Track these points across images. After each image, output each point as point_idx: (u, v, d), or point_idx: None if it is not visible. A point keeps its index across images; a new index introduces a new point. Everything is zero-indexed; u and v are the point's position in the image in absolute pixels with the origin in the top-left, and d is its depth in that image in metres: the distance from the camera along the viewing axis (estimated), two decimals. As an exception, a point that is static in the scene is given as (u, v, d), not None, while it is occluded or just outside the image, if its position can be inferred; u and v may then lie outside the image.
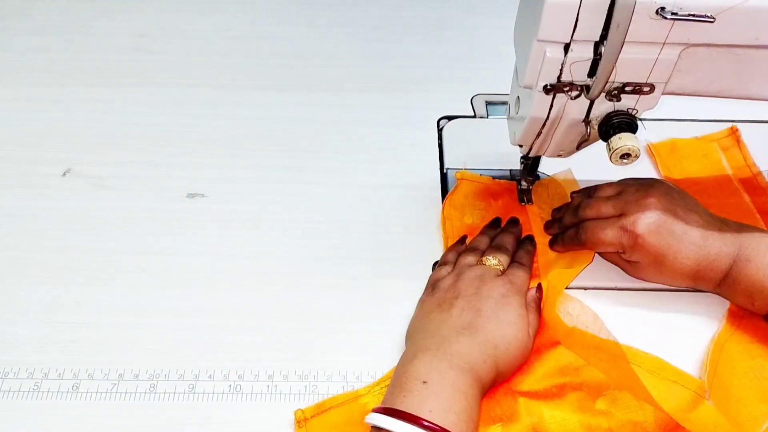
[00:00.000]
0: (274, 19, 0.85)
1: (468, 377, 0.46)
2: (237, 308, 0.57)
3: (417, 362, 0.47)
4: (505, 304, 0.51)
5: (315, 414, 0.50)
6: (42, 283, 0.58)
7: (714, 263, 0.52)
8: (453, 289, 0.53)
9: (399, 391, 0.45)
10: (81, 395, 0.51)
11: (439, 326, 0.50)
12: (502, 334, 0.49)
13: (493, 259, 0.55)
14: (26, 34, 0.82)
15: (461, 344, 0.48)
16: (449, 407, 0.44)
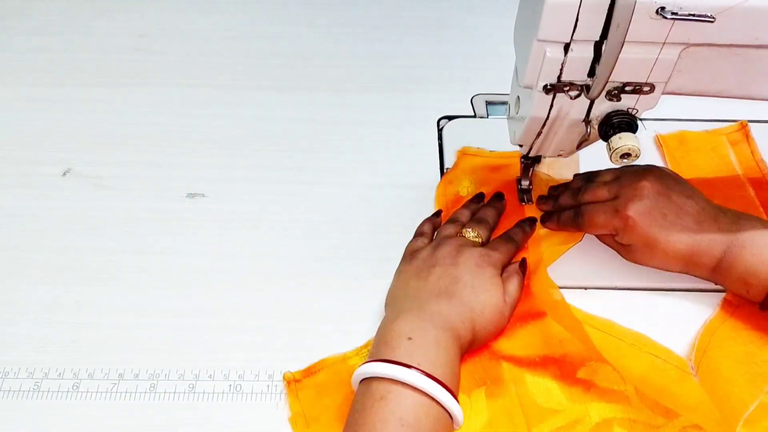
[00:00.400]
0: (274, 19, 0.85)
1: (449, 334, 0.48)
2: (237, 308, 0.57)
3: (400, 321, 0.49)
4: (479, 274, 0.52)
5: (304, 376, 0.52)
6: (42, 283, 0.58)
7: (708, 249, 0.53)
8: (431, 258, 0.54)
9: (385, 348, 0.47)
10: (81, 395, 0.51)
11: (418, 291, 0.52)
12: (477, 299, 0.51)
13: (472, 232, 0.57)
14: (26, 34, 0.82)
15: (440, 306, 0.50)
16: (435, 360, 0.46)
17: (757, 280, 0.51)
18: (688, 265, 0.54)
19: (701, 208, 0.54)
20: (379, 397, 0.44)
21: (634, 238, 0.54)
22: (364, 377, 0.46)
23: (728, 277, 0.53)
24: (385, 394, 0.44)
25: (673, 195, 0.54)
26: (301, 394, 0.51)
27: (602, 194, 0.56)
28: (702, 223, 0.53)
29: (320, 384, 0.52)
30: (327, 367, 0.53)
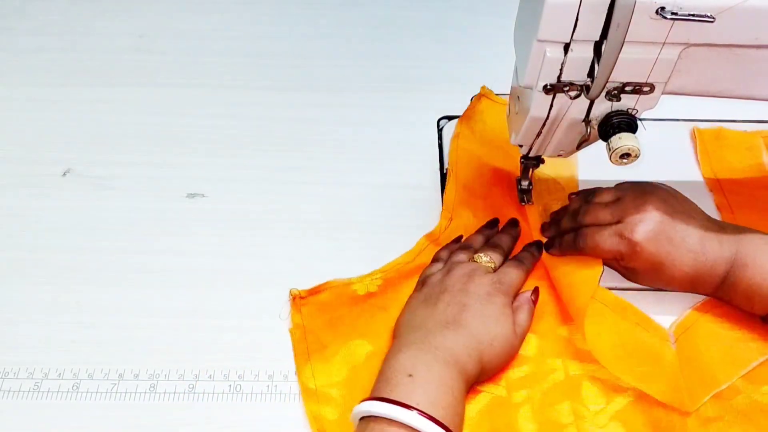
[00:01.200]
0: (274, 19, 0.85)
1: (453, 371, 0.47)
2: (237, 308, 0.57)
3: (402, 356, 0.47)
4: (490, 302, 0.51)
5: (309, 294, 0.56)
6: (42, 283, 0.58)
7: (712, 269, 0.52)
8: (440, 285, 0.53)
9: (385, 385, 0.46)
10: (81, 395, 0.51)
11: (425, 320, 0.50)
12: (486, 330, 0.50)
13: (485, 257, 0.55)
14: (26, 34, 0.82)
15: (446, 338, 0.48)
16: (436, 401, 0.44)
17: (760, 297, 0.51)
18: (693, 286, 0.54)
19: (703, 227, 0.53)
20: None
21: (641, 263, 0.53)
22: (363, 416, 0.45)
23: (733, 294, 0.52)
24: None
25: (677, 216, 0.53)
26: (304, 309, 0.56)
27: (603, 216, 0.55)
28: (705, 245, 0.52)
29: (321, 302, 0.56)
30: (330, 289, 0.57)
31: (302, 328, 0.55)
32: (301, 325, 0.55)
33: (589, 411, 0.51)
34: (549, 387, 0.52)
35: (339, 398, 0.51)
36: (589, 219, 0.56)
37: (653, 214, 0.52)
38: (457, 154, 0.66)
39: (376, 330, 0.55)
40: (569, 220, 0.58)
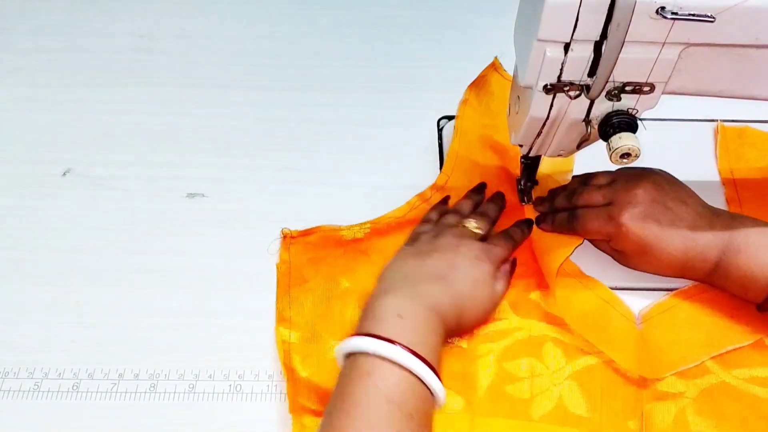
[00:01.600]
0: (274, 19, 0.85)
1: (437, 317, 0.49)
2: (237, 308, 0.57)
3: (390, 297, 0.49)
4: (477, 267, 0.53)
5: (300, 235, 0.61)
6: (42, 283, 0.58)
7: (702, 254, 0.53)
8: (432, 242, 0.55)
9: (373, 322, 0.47)
10: (81, 395, 0.51)
11: (414, 271, 0.52)
12: (469, 290, 0.52)
13: (475, 224, 0.58)
14: (26, 34, 0.82)
15: (432, 287, 0.50)
16: (422, 340, 0.46)
17: (754, 283, 0.51)
18: (683, 270, 0.54)
19: (697, 213, 0.53)
20: (365, 373, 0.44)
21: (628, 245, 0.54)
22: (351, 351, 0.46)
23: (726, 281, 0.53)
24: (371, 370, 0.44)
25: (669, 201, 0.54)
26: (292, 248, 0.60)
27: (596, 198, 0.56)
28: (697, 229, 0.53)
29: (309, 242, 0.60)
30: (320, 232, 0.61)
31: (288, 263, 0.59)
32: (288, 261, 0.59)
33: (548, 369, 0.53)
34: (511, 343, 0.54)
35: (309, 325, 0.55)
36: (582, 200, 0.57)
37: (642, 197, 0.54)
38: (463, 120, 0.68)
39: (355, 270, 0.58)
40: (564, 200, 0.60)
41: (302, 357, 0.53)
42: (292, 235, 0.60)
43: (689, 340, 0.54)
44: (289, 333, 0.55)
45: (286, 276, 0.58)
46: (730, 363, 0.53)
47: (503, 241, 0.57)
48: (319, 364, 0.53)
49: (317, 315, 0.56)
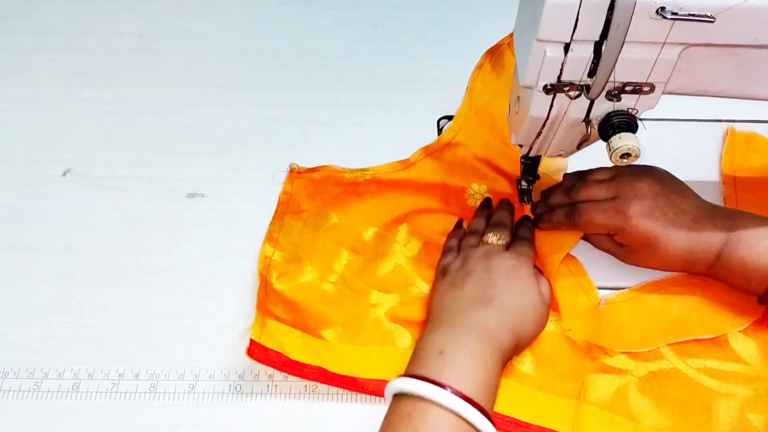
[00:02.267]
0: (274, 19, 0.85)
1: (486, 346, 0.46)
2: (237, 308, 0.57)
3: (433, 335, 0.48)
4: (515, 276, 0.51)
5: (306, 172, 0.65)
6: (42, 283, 0.58)
7: (705, 245, 0.53)
8: (463, 269, 0.53)
9: (416, 364, 0.46)
10: (81, 395, 0.51)
11: (453, 302, 0.51)
12: (517, 301, 0.50)
13: (494, 236, 0.56)
14: (26, 34, 0.82)
15: (477, 314, 0.48)
16: (466, 376, 0.44)
17: (756, 274, 0.51)
18: (687, 263, 0.55)
19: (697, 207, 0.54)
20: (406, 415, 0.43)
21: (635, 239, 0.54)
22: (395, 392, 0.45)
23: (728, 273, 0.53)
24: (411, 411, 0.43)
25: (671, 195, 0.54)
26: (296, 182, 0.65)
27: (599, 193, 0.56)
28: (699, 222, 0.53)
29: (312, 179, 0.65)
30: (324, 171, 0.65)
31: (289, 194, 0.64)
32: (289, 192, 0.64)
33: None
34: None
35: (292, 248, 0.60)
36: (584, 195, 0.57)
37: (648, 191, 0.54)
38: (476, 83, 0.68)
39: (347, 208, 0.62)
40: (561, 196, 0.59)
41: (279, 274, 0.58)
42: (298, 171, 0.65)
43: (648, 326, 0.54)
44: (273, 251, 0.59)
45: (284, 204, 0.63)
46: (686, 352, 0.53)
47: (526, 245, 0.56)
48: (293, 284, 0.57)
49: (302, 241, 0.60)
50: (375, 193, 0.64)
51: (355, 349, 0.54)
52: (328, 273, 0.58)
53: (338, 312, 0.56)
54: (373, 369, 0.52)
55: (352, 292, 0.57)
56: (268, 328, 0.53)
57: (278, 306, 0.55)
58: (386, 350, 0.54)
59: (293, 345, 0.53)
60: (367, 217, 0.62)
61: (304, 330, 0.54)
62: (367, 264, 0.59)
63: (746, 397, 0.50)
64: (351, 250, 0.60)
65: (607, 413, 0.50)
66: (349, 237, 0.60)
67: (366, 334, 0.54)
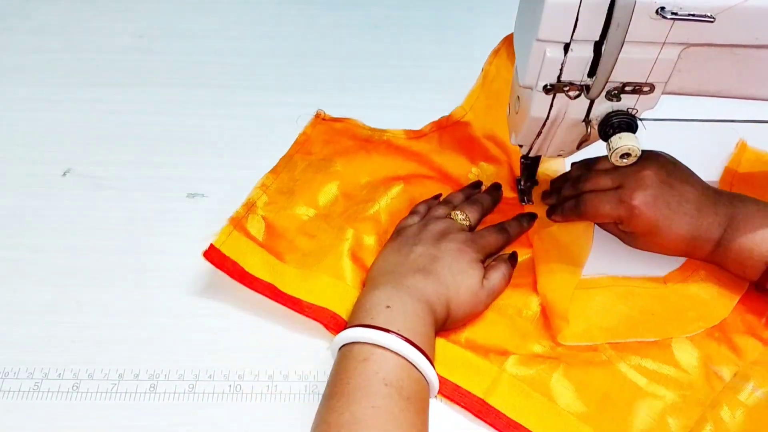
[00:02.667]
0: (274, 19, 0.85)
1: (425, 306, 0.50)
2: (237, 308, 0.57)
3: (377, 292, 0.50)
4: (460, 257, 0.53)
5: (331, 120, 0.69)
6: (42, 283, 0.58)
7: (707, 232, 0.54)
8: (415, 237, 0.55)
9: (365, 315, 0.48)
10: (81, 395, 0.51)
11: (396, 266, 0.53)
12: (454, 279, 0.52)
13: (461, 215, 0.58)
14: (26, 34, 0.82)
15: (416, 280, 0.51)
16: (413, 328, 0.47)
17: (752, 260, 0.53)
18: (688, 249, 0.56)
19: (700, 193, 0.55)
20: (362, 359, 0.45)
21: (639, 227, 0.55)
22: (345, 342, 0.47)
23: (726, 258, 0.54)
24: (368, 356, 0.45)
25: (675, 182, 0.55)
26: (318, 127, 0.68)
27: (604, 182, 0.57)
28: (701, 209, 0.54)
29: (333, 127, 0.69)
30: (347, 123, 0.69)
31: (307, 136, 0.68)
32: (308, 135, 0.68)
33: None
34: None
35: (289, 182, 0.63)
36: (589, 185, 0.58)
37: (652, 180, 0.54)
38: (491, 67, 0.69)
39: (352, 159, 0.65)
40: (570, 188, 0.60)
41: (268, 201, 0.61)
42: (323, 117, 0.69)
43: (593, 322, 0.55)
44: (272, 182, 0.63)
45: (299, 144, 0.67)
46: (625, 349, 0.53)
47: (492, 233, 0.57)
48: (277, 213, 0.60)
49: (302, 178, 0.64)
50: (383, 153, 0.67)
51: (308, 274, 0.56)
52: (313, 207, 0.62)
53: (308, 242, 0.59)
54: (318, 296, 0.55)
55: (328, 227, 0.60)
56: (234, 240, 0.57)
57: (254, 225, 0.59)
58: (335, 282, 0.56)
59: (253, 261, 0.56)
60: (367, 171, 0.65)
61: (270, 252, 0.57)
62: (352, 206, 0.62)
63: (671, 402, 0.50)
64: (342, 194, 0.63)
65: (525, 386, 0.51)
66: (344, 183, 0.64)
67: (322, 264, 0.57)
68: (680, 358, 0.53)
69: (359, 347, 0.46)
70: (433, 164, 0.67)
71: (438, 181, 0.65)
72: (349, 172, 0.64)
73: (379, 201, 0.62)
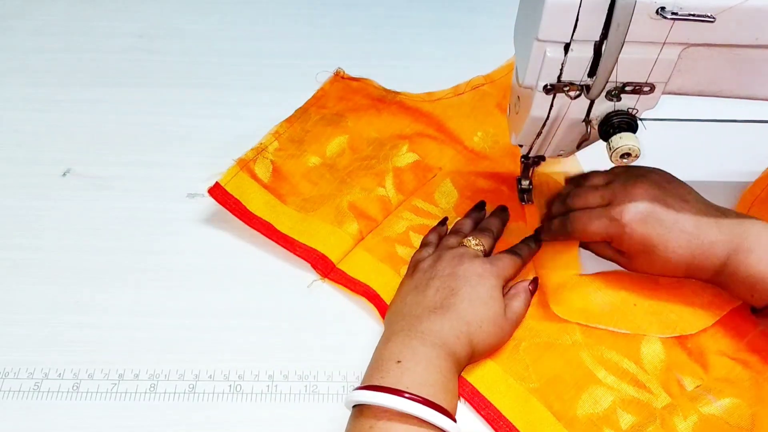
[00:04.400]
0: (274, 19, 0.85)
1: (441, 351, 0.47)
2: (237, 308, 0.57)
3: (390, 344, 0.48)
4: (479, 285, 0.51)
5: (349, 78, 0.73)
6: (42, 283, 0.58)
7: (709, 251, 0.51)
8: (431, 270, 0.53)
9: (376, 372, 0.46)
10: (81, 395, 0.51)
11: (413, 308, 0.51)
12: (474, 311, 0.50)
13: (474, 241, 0.56)
14: (26, 34, 0.82)
15: (432, 322, 0.49)
16: (424, 381, 0.45)
17: (762, 286, 0.50)
18: (688, 270, 0.53)
19: (698, 210, 0.52)
20: (369, 427, 0.43)
21: (632, 246, 0.53)
22: (355, 404, 0.45)
23: (732, 282, 0.51)
24: (374, 424, 0.43)
25: (669, 199, 0.52)
26: (336, 84, 0.72)
27: (593, 200, 0.55)
28: (700, 227, 0.51)
29: (351, 86, 0.72)
30: (364, 82, 0.72)
31: (324, 92, 0.71)
32: (325, 90, 0.72)
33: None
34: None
35: (300, 134, 0.68)
36: (579, 203, 0.56)
37: (643, 196, 0.52)
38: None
39: (362, 115, 0.69)
40: (559, 205, 0.58)
41: (278, 147, 0.66)
42: (342, 76, 0.72)
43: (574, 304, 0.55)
44: (285, 130, 0.67)
45: (316, 98, 0.71)
46: (593, 336, 0.53)
47: (507, 256, 0.55)
48: (285, 160, 0.65)
49: (313, 131, 0.68)
50: (393, 113, 0.70)
51: (304, 217, 0.61)
52: (320, 157, 0.66)
53: (311, 189, 0.63)
54: (310, 237, 0.59)
55: (331, 177, 0.64)
56: (239, 180, 0.62)
57: (262, 168, 0.63)
58: (329, 228, 0.60)
59: (255, 200, 0.61)
60: (376, 128, 0.69)
61: (273, 193, 0.62)
62: (356, 160, 0.66)
63: (625, 396, 0.50)
64: (350, 147, 0.67)
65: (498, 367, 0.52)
66: (353, 137, 0.68)
67: (320, 211, 0.61)
68: (645, 356, 0.52)
69: (367, 412, 0.44)
70: (441, 125, 0.69)
71: (441, 143, 0.68)
72: (358, 127, 0.69)
73: (383, 158, 0.65)
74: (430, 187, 0.64)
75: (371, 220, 0.61)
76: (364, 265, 0.58)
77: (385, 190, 0.63)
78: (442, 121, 0.69)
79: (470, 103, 0.71)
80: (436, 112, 0.70)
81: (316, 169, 0.65)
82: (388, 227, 0.61)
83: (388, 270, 0.58)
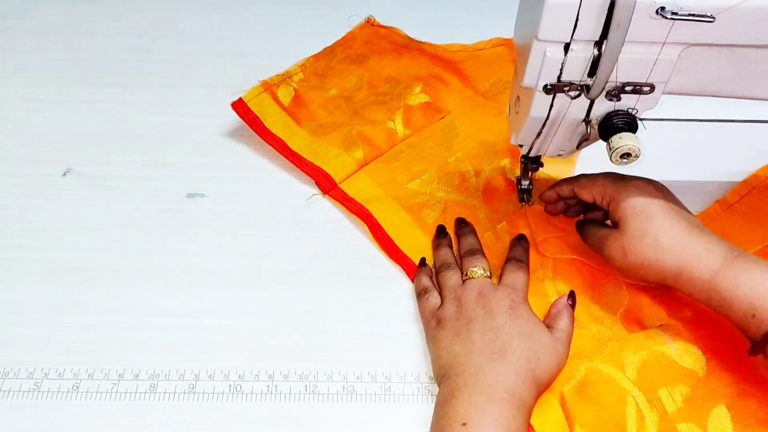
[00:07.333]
0: (274, 19, 0.85)
1: (510, 408, 0.45)
2: (237, 308, 0.57)
3: (455, 402, 0.46)
4: (518, 317, 0.50)
5: (377, 25, 0.79)
6: (42, 283, 0.58)
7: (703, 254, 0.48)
8: (461, 316, 0.51)
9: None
10: (81, 395, 0.51)
11: (468, 357, 0.49)
12: (528, 346, 0.49)
13: (475, 268, 0.55)
14: (26, 34, 0.82)
15: (497, 371, 0.47)
16: None
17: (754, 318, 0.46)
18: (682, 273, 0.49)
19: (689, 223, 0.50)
20: None
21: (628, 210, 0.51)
22: None
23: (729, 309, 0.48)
24: None
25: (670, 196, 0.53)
26: (365, 30, 0.79)
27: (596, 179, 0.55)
28: (692, 231, 0.50)
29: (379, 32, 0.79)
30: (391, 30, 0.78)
31: (353, 35, 0.78)
32: (354, 33, 0.78)
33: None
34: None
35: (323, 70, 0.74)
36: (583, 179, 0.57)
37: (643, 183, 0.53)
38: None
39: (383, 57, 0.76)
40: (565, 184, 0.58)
41: (303, 78, 0.72)
42: (372, 23, 0.79)
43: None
44: (311, 64, 0.74)
45: (344, 40, 0.77)
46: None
47: (518, 271, 0.55)
48: (307, 91, 0.72)
49: (337, 68, 0.74)
50: (413, 58, 0.76)
51: (316, 140, 0.67)
52: (339, 89, 0.72)
53: (326, 116, 0.69)
54: (318, 157, 0.65)
55: (346, 108, 0.70)
56: (261, 99, 0.69)
57: (284, 92, 0.70)
58: (337, 151, 0.66)
59: (273, 119, 0.68)
60: (395, 68, 0.75)
61: (291, 116, 0.69)
62: (371, 95, 0.72)
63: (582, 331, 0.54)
64: (367, 83, 0.73)
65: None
66: (372, 75, 0.74)
67: (331, 136, 0.67)
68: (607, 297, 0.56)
69: None
70: (458, 69, 0.74)
71: (454, 89, 0.73)
72: (378, 67, 0.75)
73: (398, 96, 0.71)
74: (437, 126, 0.70)
75: (376, 148, 0.67)
76: (364, 188, 0.64)
77: (394, 124, 0.68)
78: (460, 66, 0.74)
79: (488, 58, 0.76)
80: (455, 59, 0.75)
81: (333, 99, 0.71)
82: (391, 157, 0.67)
83: (384, 196, 0.63)
